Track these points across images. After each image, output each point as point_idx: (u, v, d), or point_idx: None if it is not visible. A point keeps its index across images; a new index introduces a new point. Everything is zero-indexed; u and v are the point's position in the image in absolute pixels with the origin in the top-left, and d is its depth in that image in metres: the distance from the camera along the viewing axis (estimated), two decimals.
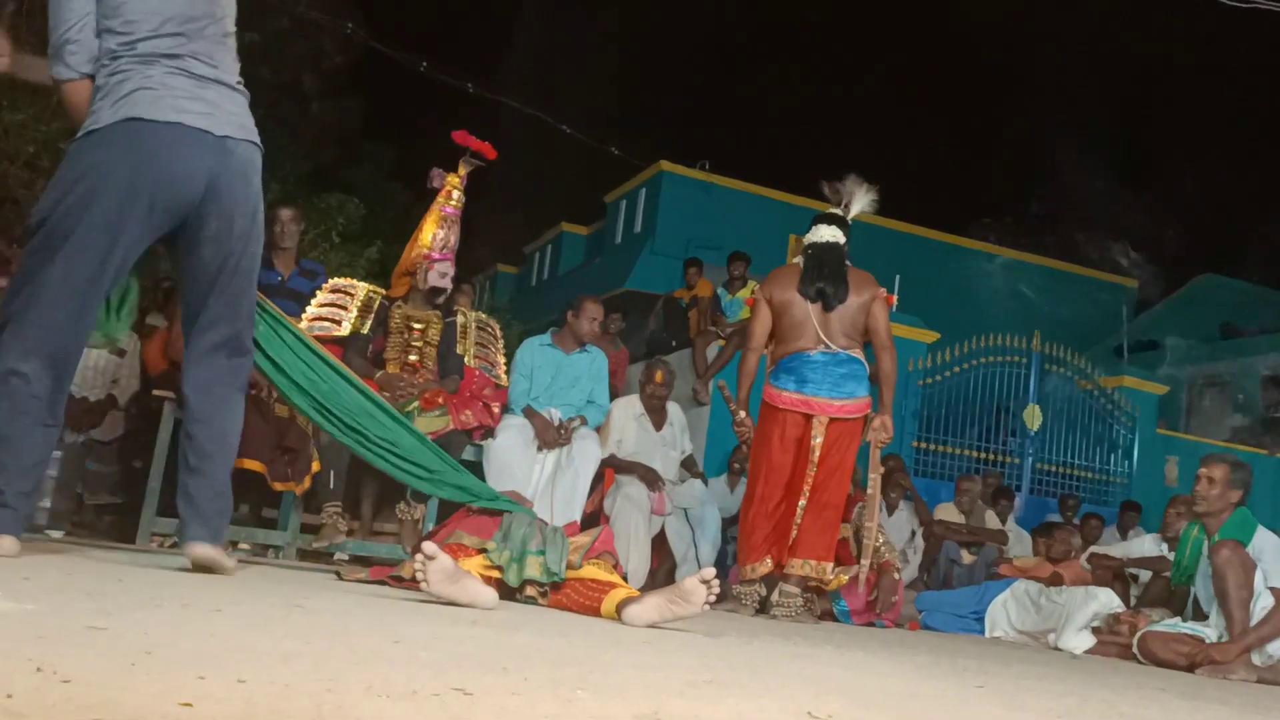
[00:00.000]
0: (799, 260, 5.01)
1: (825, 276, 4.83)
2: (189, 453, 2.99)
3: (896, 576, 5.31)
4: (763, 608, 4.81)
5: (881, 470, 5.13)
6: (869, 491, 5.04)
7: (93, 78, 2.84)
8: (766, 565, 4.79)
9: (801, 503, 4.73)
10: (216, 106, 2.89)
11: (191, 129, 2.82)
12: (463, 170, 5.10)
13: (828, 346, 4.80)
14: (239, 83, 3.01)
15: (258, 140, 3.02)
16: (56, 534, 4.71)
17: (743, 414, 5.00)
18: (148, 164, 2.77)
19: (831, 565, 4.81)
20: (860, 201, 5.10)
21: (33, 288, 2.74)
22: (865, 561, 4.99)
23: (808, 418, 4.76)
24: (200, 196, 2.84)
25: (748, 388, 4.98)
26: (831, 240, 4.94)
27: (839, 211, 5.08)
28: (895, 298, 5.12)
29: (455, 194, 5.10)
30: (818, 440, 4.74)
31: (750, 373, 4.99)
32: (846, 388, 4.78)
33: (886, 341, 4.90)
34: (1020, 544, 7.56)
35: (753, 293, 5.29)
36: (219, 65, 2.95)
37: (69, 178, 2.77)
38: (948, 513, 7.38)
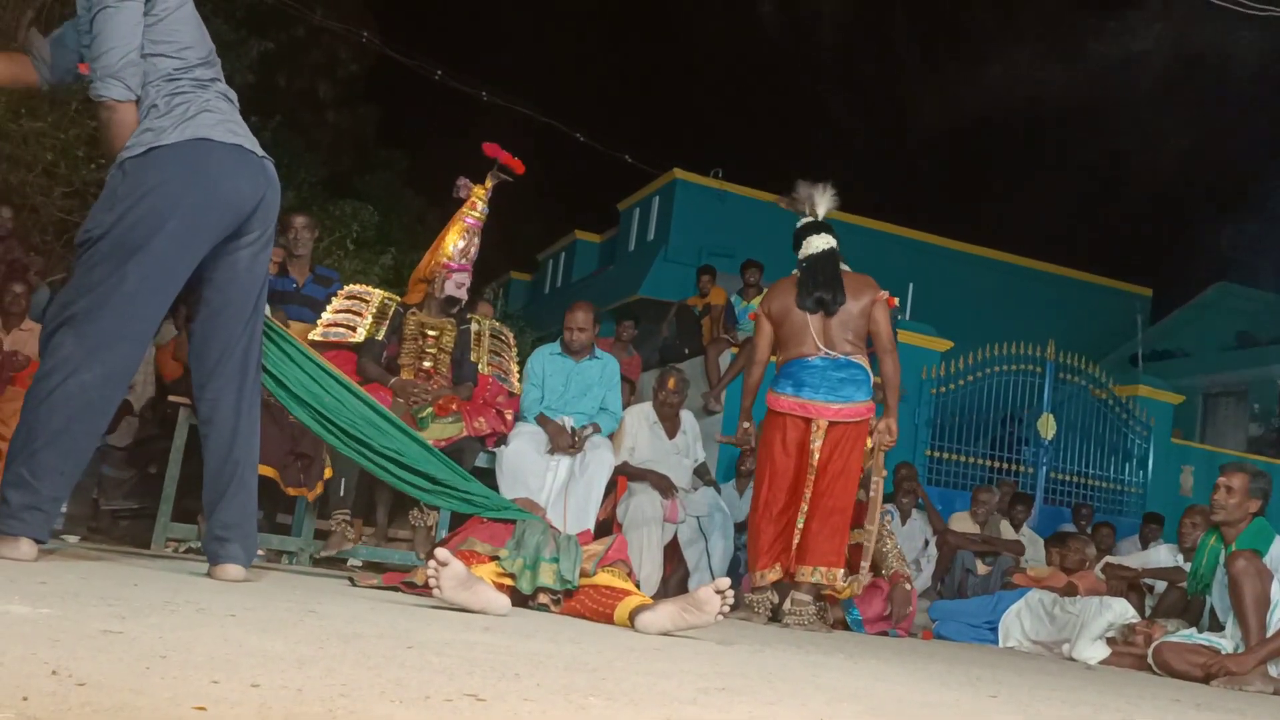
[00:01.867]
0: (795, 273, 5.03)
1: (821, 285, 4.85)
2: (232, 474, 3.07)
3: (908, 587, 5.30)
4: (775, 616, 4.80)
5: (884, 474, 5.13)
6: (871, 495, 5.03)
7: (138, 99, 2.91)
8: (776, 571, 4.78)
9: (804, 508, 4.73)
10: (247, 130, 3.07)
11: (247, 150, 2.98)
12: (489, 183, 5.13)
13: (828, 352, 4.81)
14: None
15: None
16: (72, 539, 4.72)
17: (746, 424, 5.07)
18: (218, 183, 2.89)
19: (842, 571, 4.79)
20: (824, 202, 5.10)
21: (97, 297, 2.76)
22: (865, 564, 4.98)
23: (807, 421, 4.77)
24: (250, 212, 3.00)
25: (750, 401, 5.07)
26: (824, 248, 4.95)
27: (813, 218, 5.08)
28: (896, 300, 5.12)
29: (480, 205, 5.12)
30: (817, 444, 4.75)
31: (753, 387, 5.08)
32: (844, 391, 4.78)
33: (888, 344, 4.91)
34: (1034, 549, 7.53)
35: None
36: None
37: (136, 191, 2.81)
38: (962, 523, 7.35)
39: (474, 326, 5.32)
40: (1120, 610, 5.32)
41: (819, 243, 4.97)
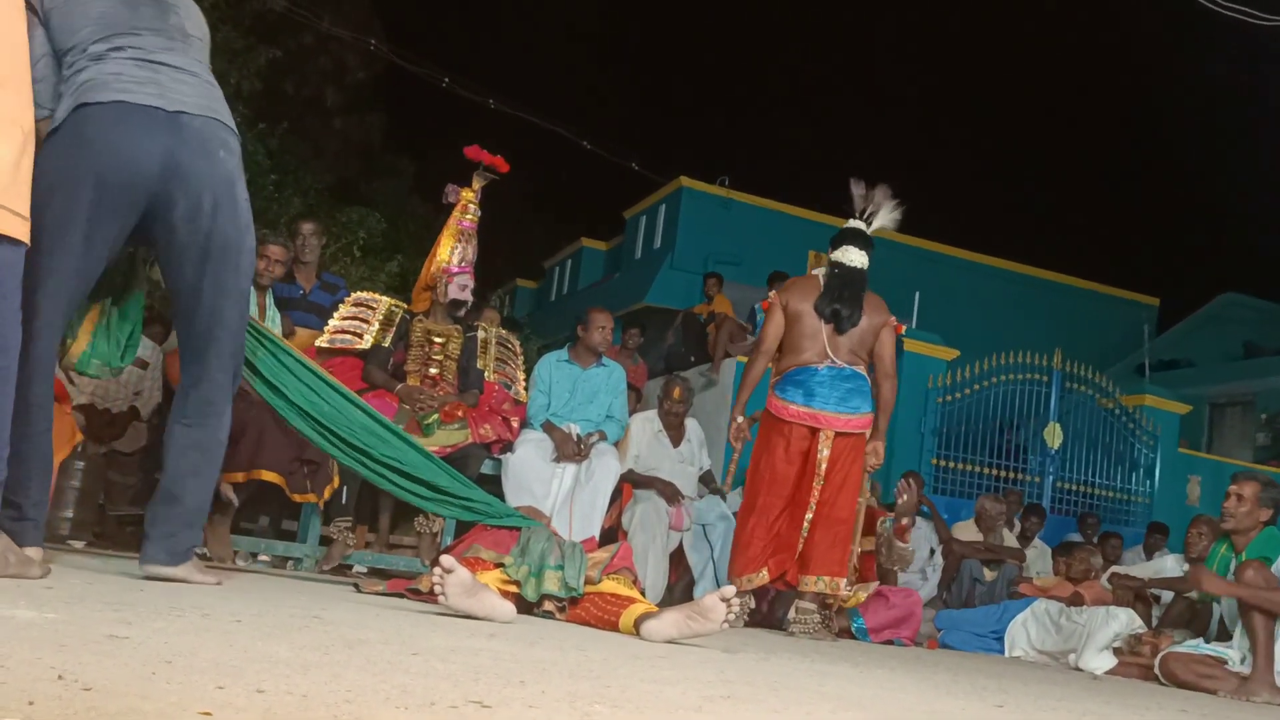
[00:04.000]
0: (819, 273, 5.00)
1: (844, 300, 4.82)
2: (187, 469, 3.06)
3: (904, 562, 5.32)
4: (775, 624, 4.80)
5: (869, 495, 5.11)
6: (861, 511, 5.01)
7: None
8: (763, 576, 4.76)
9: (809, 517, 4.72)
10: (167, 87, 2.82)
11: (137, 106, 2.75)
12: (477, 185, 5.14)
13: (834, 362, 4.81)
14: (207, 78, 2.96)
15: (225, 119, 2.94)
16: (78, 544, 4.73)
17: (740, 419, 4.91)
18: (93, 144, 2.71)
19: (845, 581, 4.79)
20: (884, 217, 5.07)
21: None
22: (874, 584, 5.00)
23: (814, 431, 4.76)
24: (159, 174, 2.77)
25: (749, 392, 4.91)
26: (860, 265, 4.91)
27: (861, 225, 5.05)
28: (904, 327, 5.10)
29: (471, 208, 5.13)
30: (824, 454, 4.73)
31: (755, 378, 4.93)
32: (852, 402, 4.78)
33: (890, 370, 4.92)
34: (1043, 559, 7.52)
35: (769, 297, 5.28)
36: (174, 53, 2.89)
37: (35, 182, 2.63)
38: (966, 531, 7.34)
39: (480, 334, 5.33)
40: (1126, 620, 5.31)
41: (855, 257, 4.91)
